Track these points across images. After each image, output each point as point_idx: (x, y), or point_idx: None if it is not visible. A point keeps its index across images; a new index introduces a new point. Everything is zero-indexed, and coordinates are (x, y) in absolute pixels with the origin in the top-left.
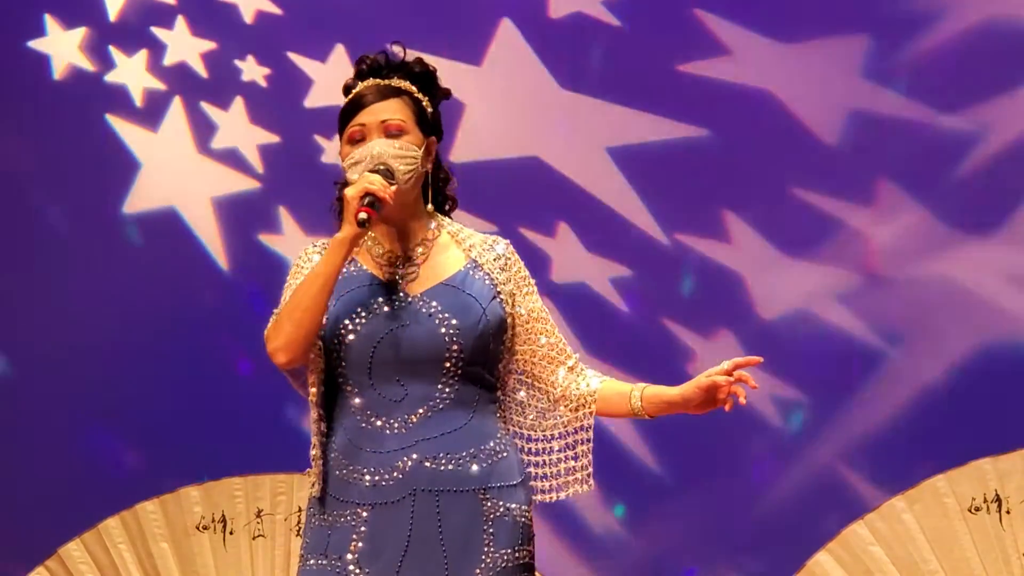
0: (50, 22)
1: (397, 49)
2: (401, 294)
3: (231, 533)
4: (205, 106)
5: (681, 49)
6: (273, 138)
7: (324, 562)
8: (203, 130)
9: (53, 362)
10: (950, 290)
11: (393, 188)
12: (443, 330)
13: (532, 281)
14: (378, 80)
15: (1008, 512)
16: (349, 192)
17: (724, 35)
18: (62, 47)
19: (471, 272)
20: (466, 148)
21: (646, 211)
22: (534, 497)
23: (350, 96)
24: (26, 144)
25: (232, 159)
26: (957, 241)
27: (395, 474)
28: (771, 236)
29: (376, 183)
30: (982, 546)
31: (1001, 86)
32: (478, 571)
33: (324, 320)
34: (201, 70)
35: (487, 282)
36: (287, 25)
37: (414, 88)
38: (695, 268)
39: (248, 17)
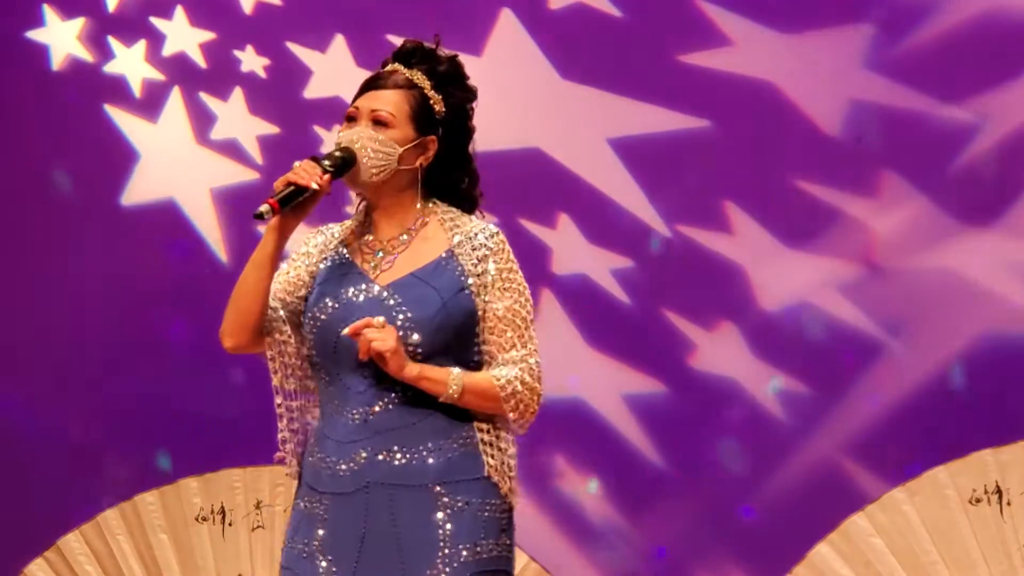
0: (49, 12)
1: (434, 45)
2: (371, 285)
3: (230, 524)
4: (204, 97)
5: (682, 39)
6: (272, 129)
7: (293, 546)
8: (202, 121)
9: (52, 354)
10: (951, 281)
11: (327, 177)
12: (399, 321)
13: (515, 278)
14: (400, 67)
15: (1009, 504)
16: (277, 181)
17: (725, 26)
18: (61, 37)
19: (443, 262)
20: None
21: (647, 202)
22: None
23: (371, 74)
24: (25, 135)
25: (231, 150)
26: (958, 232)
27: (351, 465)
28: (772, 227)
29: (301, 173)
30: (983, 538)
31: (1003, 76)
32: (437, 565)
33: (303, 307)
34: (200, 61)
35: (457, 273)
36: (286, 15)
37: (427, 84)
38: (696, 259)
39: (247, 7)
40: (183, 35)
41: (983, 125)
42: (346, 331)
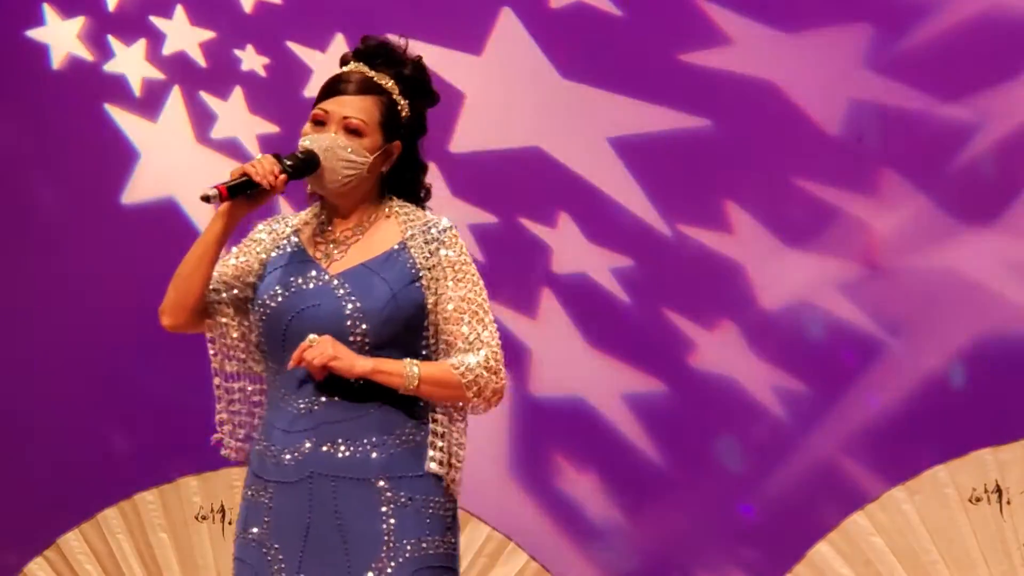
0: (49, 11)
1: (402, 42)
2: (322, 274)
3: (230, 523)
4: (204, 96)
5: (682, 39)
6: (272, 128)
7: (244, 536)
8: (202, 120)
9: (51, 352)
10: (951, 280)
11: (283, 177)
12: (347, 311)
13: (468, 269)
14: (365, 68)
15: (1008, 503)
16: (235, 169)
17: (726, 25)
18: (61, 36)
19: (395, 254)
20: (466, 138)
21: (647, 201)
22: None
23: (335, 74)
24: (25, 134)
25: (231, 149)
26: (959, 231)
27: (295, 455)
28: (773, 226)
29: (258, 168)
30: (982, 536)
31: (1003, 76)
32: (382, 559)
33: (251, 294)
34: (200, 60)
35: (408, 265)
36: (287, 14)
37: (395, 89)
38: (696, 258)
39: (247, 6)
40: (183, 34)
41: (983, 125)
42: (290, 366)
